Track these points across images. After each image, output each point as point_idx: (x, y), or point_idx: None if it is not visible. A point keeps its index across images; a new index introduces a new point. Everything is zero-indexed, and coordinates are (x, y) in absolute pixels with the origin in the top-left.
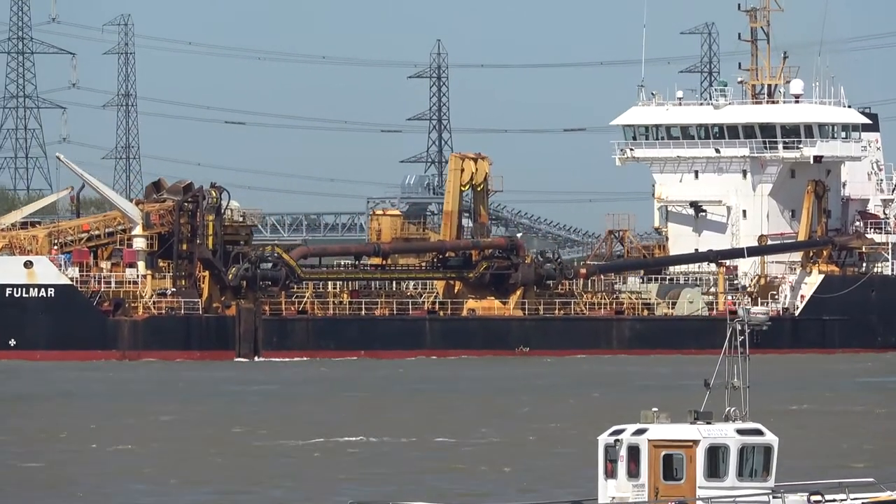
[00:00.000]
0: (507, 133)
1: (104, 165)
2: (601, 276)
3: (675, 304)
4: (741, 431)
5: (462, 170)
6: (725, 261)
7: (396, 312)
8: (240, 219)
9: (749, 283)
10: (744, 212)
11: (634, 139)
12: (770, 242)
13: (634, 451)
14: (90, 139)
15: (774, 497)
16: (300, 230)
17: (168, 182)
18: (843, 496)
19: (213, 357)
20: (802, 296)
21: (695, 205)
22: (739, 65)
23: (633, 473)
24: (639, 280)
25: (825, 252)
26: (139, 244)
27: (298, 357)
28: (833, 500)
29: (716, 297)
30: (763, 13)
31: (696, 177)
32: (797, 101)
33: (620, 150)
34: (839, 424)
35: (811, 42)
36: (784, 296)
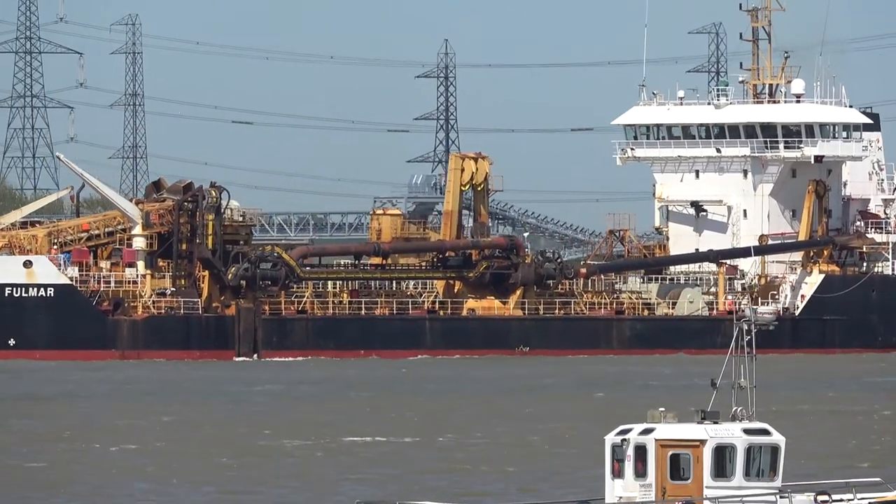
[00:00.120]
0: (515, 133)
1: (111, 165)
2: (601, 276)
3: (676, 304)
4: (748, 431)
5: (462, 169)
6: (726, 261)
7: (396, 312)
8: (239, 218)
9: (749, 284)
10: (744, 211)
11: (636, 139)
12: (770, 242)
13: (641, 451)
14: (97, 139)
15: (781, 497)
16: (307, 230)
17: (177, 182)
18: (851, 496)
19: (213, 357)
20: (803, 295)
21: (695, 204)
22: (741, 64)
23: (640, 473)
24: (639, 280)
25: (826, 252)
26: (139, 244)
27: (298, 357)
28: (840, 500)
29: (716, 297)
30: (764, 13)
31: (697, 176)
32: (798, 101)
33: (621, 150)
34: (844, 424)
35: (812, 42)
36: (784, 296)
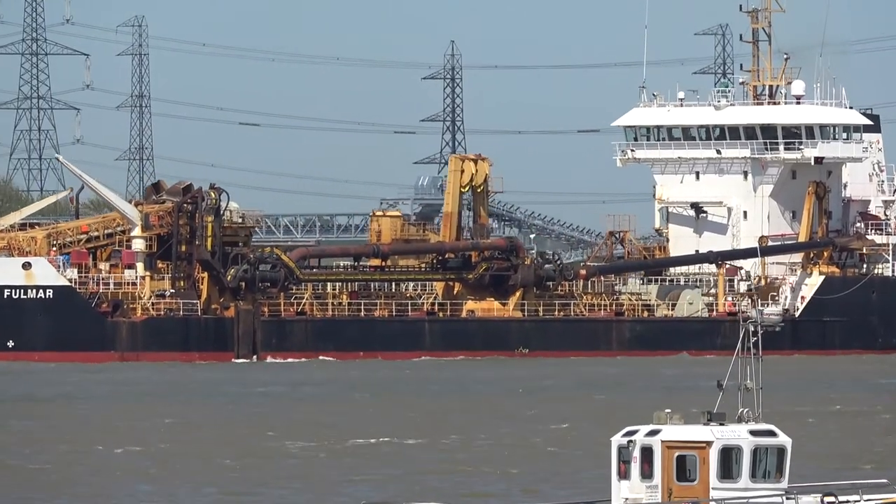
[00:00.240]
0: (521, 134)
1: (118, 167)
2: (601, 278)
3: (675, 306)
4: (754, 433)
5: (462, 171)
6: (726, 262)
7: (396, 314)
8: (239, 220)
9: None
10: (744, 213)
11: (636, 140)
12: (770, 244)
13: (648, 452)
14: (104, 140)
15: (788, 498)
16: (313, 231)
17: (176, 184)
18: (857, 497)
19: (212, 358)
20: (803, 297)
21: (695, 206)
22: (741, 66)
23: (647, 474)
24: (639, 281)
25: (826, 253)
26: (138, 245)
27: (297, 358)
28: (847, 502)
29: (716, 299)
30: (764, 14)
31: (697, 178)
32: (798, 103)
33: (621, 152)
34: (846, 426)
35: (813, 43)
36: (784, 297)
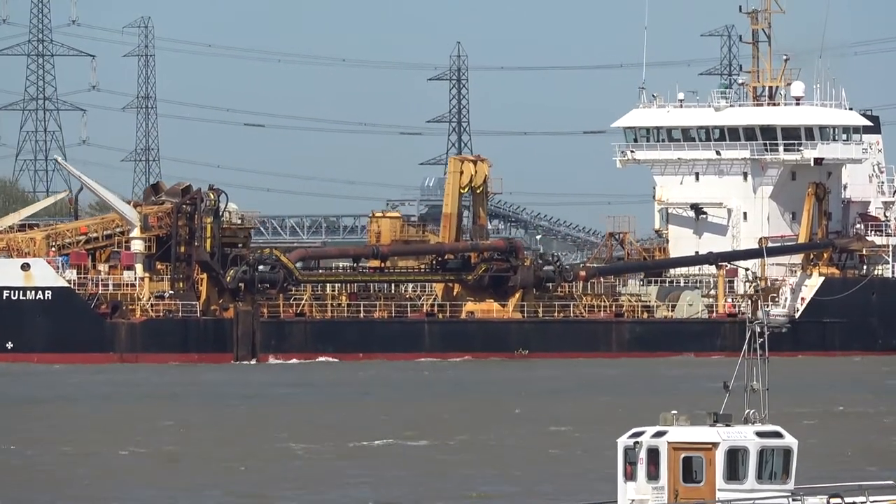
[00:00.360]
0: (527, 135)
1: (124, 168)
2: (601, 279)
3: (675, 307)
4: (761, 434)
5: (461, 172)
6: (726, 263)
7: (395, 315)
8: (238, 221)
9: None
10: (744, 214)
11: (636, 141)
12: (770, 245)
13: (654, 454)
14: (110, 142)
15: (794, 500)
16: (319, 232)
17: (175, 185)
18: (863, 499)
19: (211, 360)
20: (803, 298)
21: (695, 207)
22: (741, 67)
23: (653, 476)
24: (639, 282)
25: (826, 254)
26: (137, 246)
27: (296, 360)
28: (853, 503)
29: (716, 300)
30: (764, 15)
31: (697, 179)
32: (798, 104)
33: (621, 153)
34: (848, 427)
35: (813, 45)
36: (784, 298)
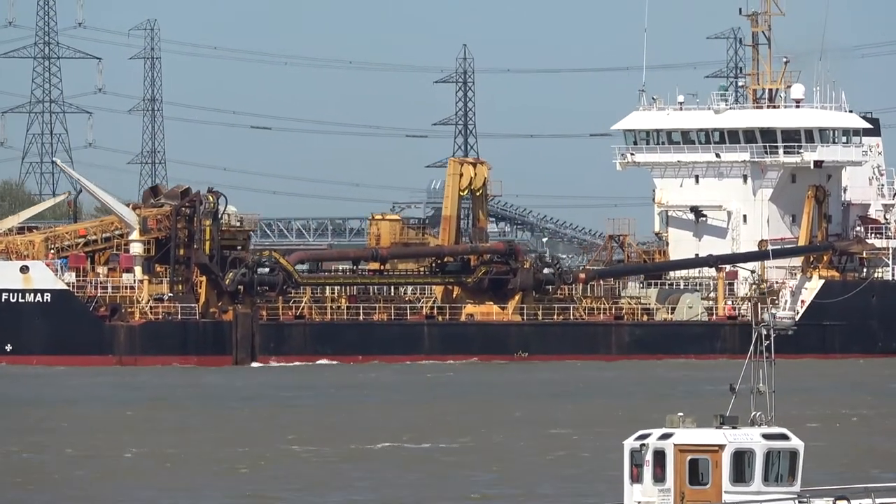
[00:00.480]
0: (534, 138)
1: (130, 170)
2: (600, 281)
3: (675, 310)
4: (767, 436)
5: (461, 175)
6: (725, 266)
7: (395, 317)
8: (237, 223)
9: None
10: (744, 217)
11: (635, 143)
12: (770, 247)
13: (660, 456)
14: (116, 144)
15: (800, 502)
16: (325, 235)
17: (175, 187)
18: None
19: (210, 363)
20: (803, 301)
21: (695, 210)
22: (741, 69)
23: (659, 478)
24: (638, 285)
25: (825, 257)
26: (136, 249)
27: (296, 362)
28: None
29: (715, 303)
30: (764, 17)
31: (697, 181)
32: (798, 106)
33: (621, 155)
34: (850, 428)
35: (813, 47)
36: (784, 301)
